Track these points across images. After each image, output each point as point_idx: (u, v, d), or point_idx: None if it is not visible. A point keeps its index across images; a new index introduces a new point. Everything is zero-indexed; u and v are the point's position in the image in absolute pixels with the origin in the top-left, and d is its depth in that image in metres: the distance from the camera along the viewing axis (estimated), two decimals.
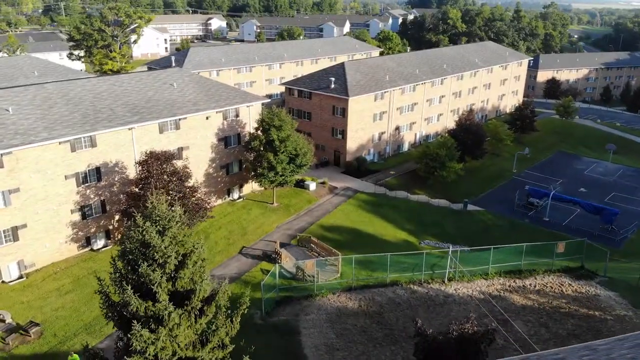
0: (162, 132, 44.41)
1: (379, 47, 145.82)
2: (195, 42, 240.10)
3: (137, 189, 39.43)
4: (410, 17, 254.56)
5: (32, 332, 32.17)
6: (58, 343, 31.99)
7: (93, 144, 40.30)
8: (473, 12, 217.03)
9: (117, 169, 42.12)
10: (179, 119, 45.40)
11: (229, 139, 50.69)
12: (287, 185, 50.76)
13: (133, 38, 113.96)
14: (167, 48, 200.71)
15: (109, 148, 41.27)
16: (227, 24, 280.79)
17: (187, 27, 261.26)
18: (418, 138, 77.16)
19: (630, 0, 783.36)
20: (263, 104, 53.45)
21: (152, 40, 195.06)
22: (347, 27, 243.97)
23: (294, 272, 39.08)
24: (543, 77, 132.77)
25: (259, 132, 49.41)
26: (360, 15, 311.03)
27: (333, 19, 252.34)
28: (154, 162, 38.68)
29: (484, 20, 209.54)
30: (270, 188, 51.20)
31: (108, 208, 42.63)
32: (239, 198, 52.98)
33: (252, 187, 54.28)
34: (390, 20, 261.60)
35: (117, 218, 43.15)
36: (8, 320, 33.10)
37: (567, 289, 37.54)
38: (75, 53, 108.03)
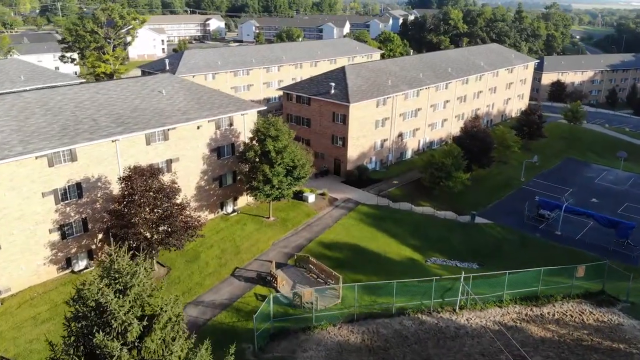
0: (149, 143, 41.26)
1: (380, 48, 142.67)
2: (194, 42, 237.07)
3: (120, 207, 36.26)
4: (411, 17, 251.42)
5: None
6: None
7: (73, 158, 37.14)
8: (474, 12, 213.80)
9: (99, 185, 38.96)
10: (168, 129, 42.25)
11: (222, 150, 47.55)
12: (284, 199, 47.55)
13: (127, 40, 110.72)
14: (164, 49, 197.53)
15: (91, 162, 38.11)
16: (225, 25, 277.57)
17: (185, 27, 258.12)
18: (422, 145, 74.04)
19: (630, 0, 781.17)
20: (259, 112, 50.29)
21: (148, 41, 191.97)
22: (347, 27, 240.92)
23: (291, 297, 35.95)
24: (547, 79, 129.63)
25: (254, 142, 46.30)
26: (360, 16, 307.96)
27: (333, 20, 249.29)
28: (138, 178, 35.51)
29: (486, 21, 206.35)
30: (267, 202, 48.06)
31: (90, 226, 39.47)
32: (233, 212, 49.82)
33: (247, 199, 51.15)
34: (391, 21, 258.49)
35: (100, 237, 40.01)
36: None
37: (588, 318, 34.40)
38: (68, 55, 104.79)
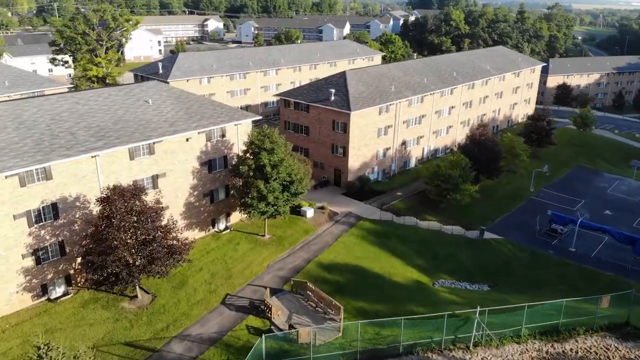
0: (133, 158, 37.92)
1: (381, 50, 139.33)
2: (191, 43, 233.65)
3: (98, 231, 32.87)
4: (412, 18, 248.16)
5: None
6: None
7: (48, 176, 33.82)
8: (476, 13, 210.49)
9: (78, 204, 35.63)
10: (154, 143, 38.89)
11: (214, 163, 44.20)
12: (280, 216, 44.16)
13: (121, 42, 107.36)
14: (161, 50, 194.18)
15: (68, 180, 34.79)
16: (224, 25, 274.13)
17: (182, 28, 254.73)
18: (426, 153, 70.72)
19: (630, 1, 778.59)
20: (253, 122, 46.93)
21: (145, 43, 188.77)
22: (347, 28, 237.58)
23: (286, 329, 32.64)
24: (553, 82, 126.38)
25: (248, 154, 42.98)
26: (361, 16, 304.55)
27: (333, 20, 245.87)
28: (118, 199, 32.16)
29: (488, 22, 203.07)
30: (261, 220, 44.70)
31: (68, 250, 36.15)
32: (226, 229, 46.47)
33: (240, 215, 47.79)
34: (391, 22, 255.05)
35: (79, 261, 36.66)
36: None
37: (614, 355, 31.06)
38: (59, 58, 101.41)
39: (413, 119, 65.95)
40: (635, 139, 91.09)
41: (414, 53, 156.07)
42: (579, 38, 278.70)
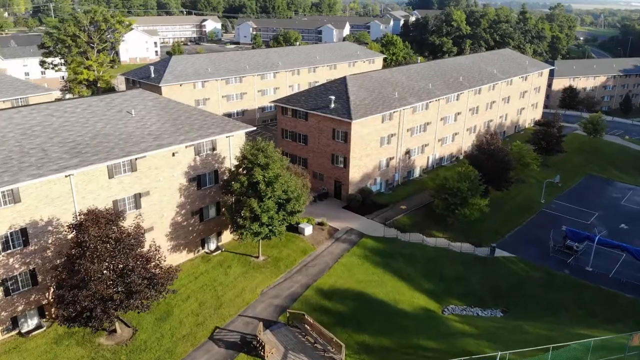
0: (112, 176, 34.42)
1: (382, 52, 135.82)
2: (189, 44, 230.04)
3: (69, 262, 29.34)
4: (412, 18, 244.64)
5: None
6: None
7: (15, 199, 30.32)
8: (478, 13, 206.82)
9: (51, 229, 32.13)
10: (136, 159, 35.42)
11: (203, 178, 40.71)
12: (275, 237, 40.60)
13: (113, 44, 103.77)
14: (157, 52, 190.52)
15: (39, 202, 31.29)
16: (222, 26, 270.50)
17: (180, 29, 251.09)
18: (431, 162, 67.22)
19: (630, 1, 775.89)
20: (247, 134, 43.41)
21: (141, 44, 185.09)
22: (347, 29, 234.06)
23: None
24: (559, 85, 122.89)
25: (240, 170, 39.50)
26: (361, 17, 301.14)
27: (332, 21, 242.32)
28: (92, 225, 28.65)
29: (489, 22, 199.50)
30: (255, 241, 41.13)
31: (40, 279, 32.65)
32: (217, 249, 42.96)
33: (232, 234, 44.25)
34: (392, 22, 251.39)
35: (53, 290, 33.15)
36: None
37: None
38: (49, 61, 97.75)
39: (417, 127, 62.45)
40: None
41: (417, 56, 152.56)
42: (581, 39, 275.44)
